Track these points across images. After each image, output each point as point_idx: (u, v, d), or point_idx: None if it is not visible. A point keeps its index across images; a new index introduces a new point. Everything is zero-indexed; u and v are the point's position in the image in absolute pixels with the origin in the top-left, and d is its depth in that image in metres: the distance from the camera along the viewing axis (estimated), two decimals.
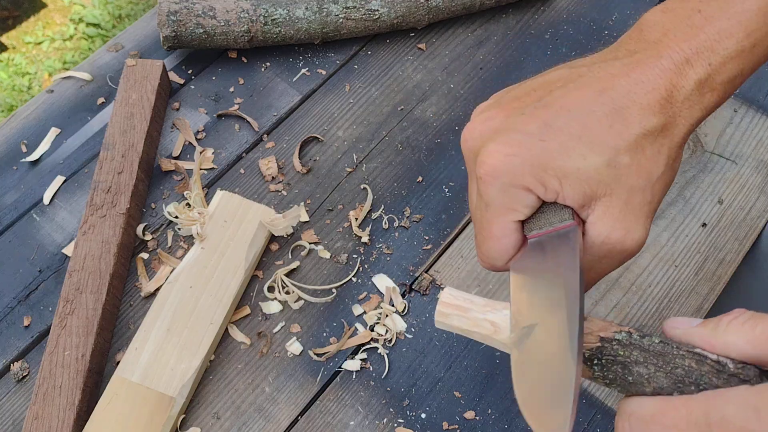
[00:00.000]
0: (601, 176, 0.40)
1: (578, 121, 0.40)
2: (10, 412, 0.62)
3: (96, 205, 0.67)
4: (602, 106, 0.40)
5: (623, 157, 0.40)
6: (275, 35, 0.77)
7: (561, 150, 0.40)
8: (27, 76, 1.90)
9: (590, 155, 0.40)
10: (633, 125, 0.40)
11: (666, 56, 0.41)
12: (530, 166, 0.40)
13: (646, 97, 0.40)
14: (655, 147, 0.41)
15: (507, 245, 0.43)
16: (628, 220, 0.41)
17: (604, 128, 0.40)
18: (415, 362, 0.64)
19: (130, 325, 0.65)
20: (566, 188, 0.40)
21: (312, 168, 0.73)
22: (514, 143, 0.40)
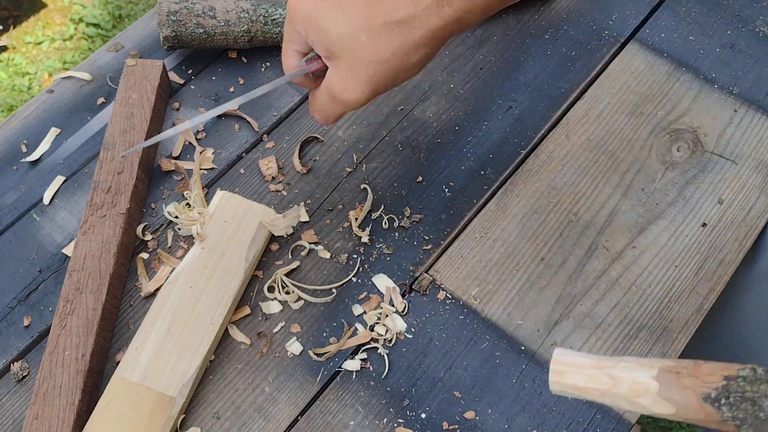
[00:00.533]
0: (341, 41, 0.52)
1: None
2: (10, 412, 0.62)
3: (96, 205, 0.67)
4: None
5: (361, 35, 0.52)
6: (275, 35, 0.77)
7: (326, 13, 0.53)
8: (27, 76, 1.90)
9: (341, 24, 0.52)
10: (380, 15, 0.52)
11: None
12: (304, 17, 0.54)
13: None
14: (390, 36, 0.52)
15: (289, 64, 0.58)
16: (348, 80, 0.54)
17: (362, 8, 0.52)
18: (415, 362, 0.64)
19: (130, 325, 0.65)
20: (316, 41, 0.54)
21: (312, 168, 0.73)
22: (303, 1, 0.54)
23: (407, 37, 0.52)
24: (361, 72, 0.53)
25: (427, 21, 0.52)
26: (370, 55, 0.53)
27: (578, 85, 0.78)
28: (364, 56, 0.53)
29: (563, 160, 0.74)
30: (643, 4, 0.84)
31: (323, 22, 0.53)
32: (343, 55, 0.53)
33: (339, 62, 0.54)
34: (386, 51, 0.53)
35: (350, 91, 0.54)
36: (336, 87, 0.55)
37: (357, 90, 0.54)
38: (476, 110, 0.77)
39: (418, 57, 0.54)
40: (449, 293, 0.67)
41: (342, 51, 0.53)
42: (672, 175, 0.73)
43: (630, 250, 0.69)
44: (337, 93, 0.55)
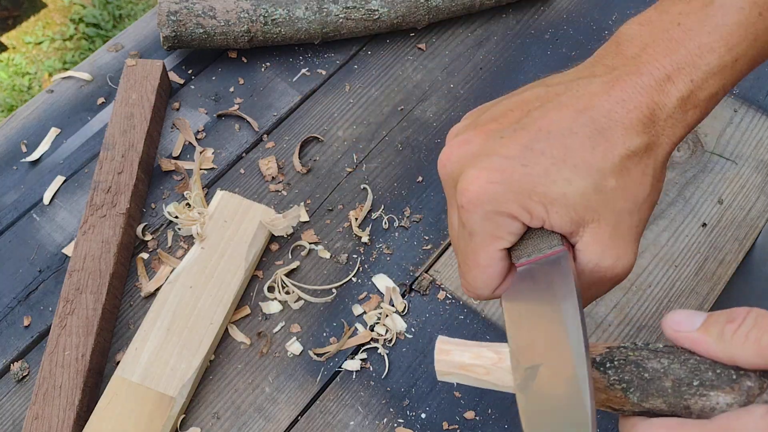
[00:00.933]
0: (588, 201, 0.38)
1: (560, 143, 0.38)
2: (10, 412, 0.62)
3: (96, 205, 0.67)
4: (583, 127, 0.38)
5: (609, 181, 0.38)
6: (275, 35, 0.77)
7: (545, 175, 0.38)
8: (27, 76, 1.90)
9: (575, 180, 0.38)
10: (617, 147, 0.38)
11: (647, 73, 0.39)
12: (514, 193, 0.38)
13: (628, 117, 0.38)
14: (640, 168, 0.39)
15: (493, 274, 0.41)
16: (618, 246, 0.40)
17: (587, 150, 0.38)
18: (415, 362, 0.64)
19: (130, 325, 0.65)
20: (553, 215, 0.39)
21: (312, 168, 0.73)
22: (495, 168, 0.39)
23: (656, 160, 0.40)
24: (627, 227, 0.40)
25: (672, 133, 0.40)
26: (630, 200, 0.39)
27: None
28: (624, 205, 0.39)
29: None
30: (643, 4, 0.84)
31: (549, 187, 0.38)
32: (600, 217, 0.39)
33: (597, 228, 0.39)
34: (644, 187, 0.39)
35: (623, 258, 0.40)
36: (606, 261, 0.40)
37: (631, 252, 0.40)
38: None
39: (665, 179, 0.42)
40: (449, 293, 0.67)
41: (595, 212, 0.39)
42: (672, 175, 0.73)
43: None
44: (608, 269, 0.40)
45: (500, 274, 0.42)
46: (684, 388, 0.36)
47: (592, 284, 0.41)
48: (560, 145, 0.38)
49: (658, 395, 0.36)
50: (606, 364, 0.38)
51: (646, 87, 0.39)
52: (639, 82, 0.39)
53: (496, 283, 0.42)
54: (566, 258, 0.39)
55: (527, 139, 0.39)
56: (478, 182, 0.39)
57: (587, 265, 0.40)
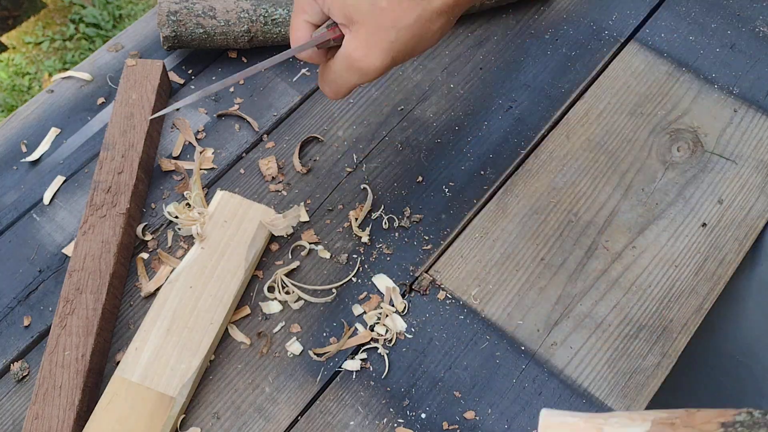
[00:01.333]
0: (360, 7, 0.51)
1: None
2: (10, 412, 0.62)
3: (96, 205, 0.67)
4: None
5: (382, 1, 0.51)
6: (275, 35, 0.77)
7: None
8: (27, 76, 1.90)
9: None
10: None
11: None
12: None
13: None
14: (411, 2, 0.51)
15: (300, 37, 0.56)
16: (368, 46, 0.53)
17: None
18: (415, 362, 0.64)
19: (130, 325, 0.65)
20: (334, 6, 0.52)
21: (312, 168, 0.73)
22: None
23: (429, 4, 0.51)
24: (381, 38, 0.52)
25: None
26: (392, 20, 0.52)
27: (578, 85, 0.78)
28: (386, 22, 0.52)
29: (563, 160, 0.74)
30: (643, 4, 0.84)
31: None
32: (364, 21, 0.52)
33: (358, 28, 0.52)
34: (408, 17, 0.51)
35: (369, 58, 0.53)
36: (354, 54, 0.53)
37: (377, 57, 0.53)
38: (476, 110, 0.77)
39: (438, 25, 0.53)
40: (449, 293, 0.67)
41: (362, 16, 0.52)
42: (672, 175, 0.73)
43: (630, 250, 0.69)
44: (355, 60, 0.53)
45: (304, 39, 0.56)
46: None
47: (346, 69, 0.55)
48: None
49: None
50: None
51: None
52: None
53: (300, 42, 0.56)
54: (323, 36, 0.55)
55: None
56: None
57: (344, 51, 0.54)
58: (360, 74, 0.55)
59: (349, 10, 0.52)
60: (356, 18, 0.52)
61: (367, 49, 0.53)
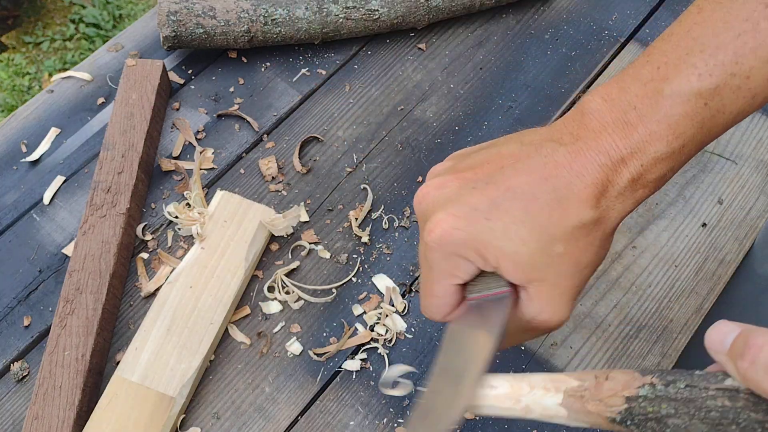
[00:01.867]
0: (536, 262, 0.43)
1: (522, 205, 0.43)
2: (10, 412, 0.62)
3: (96, 205, 0.67)
4: (545, 193, 0.43)
5: (558, 246, 0.43)
6: (275, 35, 0.77)
7: (503, 231, 0.42)
8: (27, 76, 1.90)
9: (529, 241, 0.42)
10: (570, 217, 0.42)
11: (604, 152, 0.43)
12: (473, 242, 0.43)
13: (584, 191, 0.42)
14: (588, 239, 0.43)
15: (445, 304, 0.47)
16: (556, 304, 0.44)
17: (544, 216, 0.42)
18: (415, 362, 0.64)
19: (130, 325, 0.65)
20: (503, 267, 0.43)
21: (312, 168, 0.73)
22: (461, 216, 0.43)
23: (604, 232, 0.44)
24: (568, 288, 0.44)
25: (621, 209, 0.44)
26: (575, 265, 0.43)
27: (578, 85, 0.78)
28: (568, 269, 0.43)
29: None
30: (643, 4, 0.84)
31: (505, 244, 0.43)
32: (543, 277, 0.43)
33: (539, 286, 0.44)
34: (588, 254, 0.44)
35: (559, 314, 0.44)
36: (542, 315, 0.44)
37: (565, 309, 0.45)
38: (476, 110, 0.77)
39: (611, 241, 0.45)
40: None
41: (540, 273, 0.43)
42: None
43: (630, 250, 0.69)
44: (542, 322, 0.45)
45: (451, 305, 0.47)
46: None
47: (527, 330, 0.46)
48: (522, 207, 0.43)
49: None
50: (627, 423, 0.37)
51: (602, 166, 0.43)
52: (597, 160, 0.43)
53: (446, 311, 0.47)
54: (509, 298, 0.45)
55: (495, 195, 0.43)
56: (444, 225, 0.43)
57: (526, 315, 0.45)
58: (546, 331, 0.46)
59: (525, 269, 0.43)
60: (534, 276, 0.43)
61: (554, 307, 0.44)
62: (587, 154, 0.43)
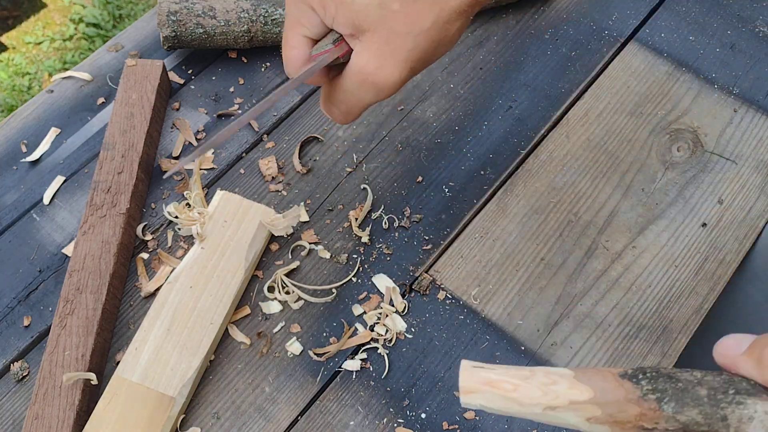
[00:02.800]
0: (369, 12, 0.44)
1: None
2: (10, 412, 0.62)
3: (96, 205, 0.67)
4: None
5: (394, 3, 0.44)
6: (275, 35, 0.77)
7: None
8: (27, 76, 1.90)
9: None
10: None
11: None
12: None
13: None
14: (426, 3, 0.44)
15: (296, 57, 0.49)
16: (383, 57, 0.46)
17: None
18: (415, 362, 0.64)
19: (130, 325, 0.65)
20: (339, 15, 0.46)
21: (312, 168, 0.73)
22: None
23: (447, 3, 0.45)
24: (398, 47, 0.45)
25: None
26: (407, 25, 0.45)
27: (578, 85, 0.78)
28: (400, 27, 0.45)
29: (563, 160, 0.74)
30: (643, 4, 0.84)
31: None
32: (375, 28, 0.45)
33: (370, 37, 0.45)
34: (425, 20, 0.45)
35: (386, 70, 0.46)
36: (368, 67, 0.46)
37: (394, 69, 0.46)
38: (476, 110, 0.77)
39: (457, 26, 0.47)
40: (449, 293, 0.67)
41: (373, 23, 0.45)
42: (672, 175, 0.73)
43: (630, 250, 0.69)
44: (369, 74, 0.46)
45: (301, 58, 0.49)
46: (720, 396, 0.35)
47: (359, 85, 0.48)
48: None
49: (693, 405, 0.35)
50: (638, 376, 0.37)
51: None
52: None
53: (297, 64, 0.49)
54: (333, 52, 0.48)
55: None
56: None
57: (355, 67, 0.47)
58: (376, 90, 0.48)
59: (357, 17, 0.45)
60: (366, 26, 0.45)
61: (382, 61, 0.46)
62: None
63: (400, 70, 0.46)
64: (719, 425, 0.35)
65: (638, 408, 0.36)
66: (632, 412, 0.36)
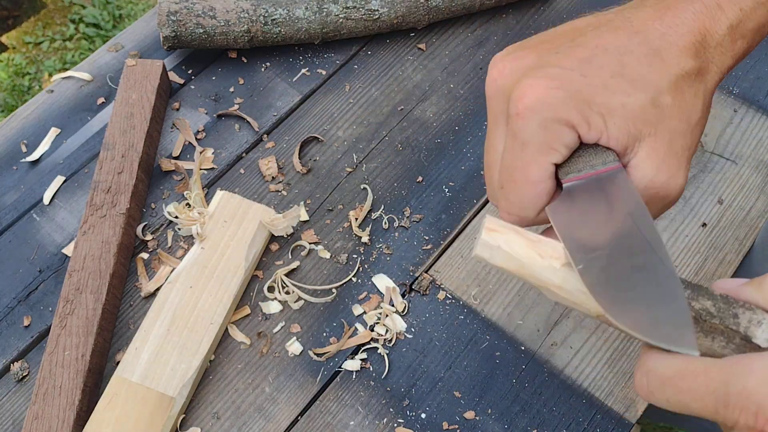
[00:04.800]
0: (647, 114, 0.38)
1: (617, 59, 0.38)
2: (10, 412, 0.62)
3: (96, 205, 0.67)
4: (639, 46, 0.39)
5: (666, 97, 0.38)
6: (275, 35, 0.77)
7: (604, 86, 0.38)
8: (27, 76, 1.90)
9: (634, 92, 0.38)
10: (672, 66, 0.38)
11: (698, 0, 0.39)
12: (574, 100, 0.37)
13: (681, 40, 0.39)
14: (693, 90, 0.39)
15: (543, 191, 0.40)
16: (672, 164, 0.39)
17: (644, 67, 0.38)
18: (415, 362, 0.64)
19: (130, 325, 0.65)
20: (611, 126, 0.38)
21: (312, 168, 0.73)
22: (554, 77, 0.38)
23: (707, 86, 0.40)
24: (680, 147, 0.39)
25: (721, 62, 0.40)
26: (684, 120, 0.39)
27: None
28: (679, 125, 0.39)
29: None
30: None
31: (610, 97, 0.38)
32: (656, 132, 0.38)
33: (653, 143, 0.38)
34: (697, 109, 0.39)
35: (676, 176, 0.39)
36: (659, 179, 0.39)
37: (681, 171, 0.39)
38: (476, 110, 0.77)
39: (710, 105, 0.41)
40: (449, 293, 0.67)
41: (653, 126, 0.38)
42: None
43: None
44: (660, 187, 0.39)
45: (548, 193, 0.40)
46: (732, 300, 0.36)
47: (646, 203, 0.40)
48: (617, 61, 0.38)
49: (708, 297, 0.37)
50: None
51: (697, 13, 0.39)
52: (691, 9, 0.39)
53: (544, 201, 0.40)
54: (623, 174, 0.38)
55: (584, 54, 0.39)
56: (537, 88, 0.38)
57: (641, 182, 0.39)
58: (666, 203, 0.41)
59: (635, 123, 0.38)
60: (646, 131, 0.38)
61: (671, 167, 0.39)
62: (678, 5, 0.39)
63: (686, 173, 0.40)
64: (730, 321, 0.36)
65: None
66: None
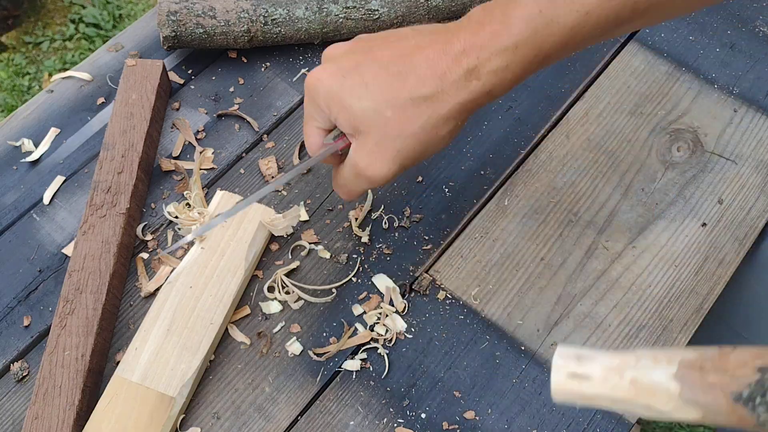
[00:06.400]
0: (365, 118, 0.51)
1: (374, 72, 0.51)
2: (10, 412, 0.62)
3: (96, 205, 0.67)
4: (395, 66, 0.51)
5: (387, 111, 0.51)
6: (275, 35, 0.77)
7: (350, 89, 0.52)
8: (27, 76, 1.90)
9: (365, 100, 0.51)
10: (406, 90, 0.51)
11: (451, 44, 0.50)
12: (325, 93, 0.53)
13: (424, 72, 0.51)
14: (416, 111, 0.51)
15: (312, 143, 0.57)
16: (374, 156, 0.53)
17: (386, 85, 0.51)
18: (415, 362, 0.64)
19: (130, 325, 0.65)
20: (339, 118, 0.53)
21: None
22: (328, 72, 0.53)
23: (435, 111, 0.51)
24: (387, 147, 0.52)
25: (455, 95, 0.51)
26: (398, 130, 0.52)
27: (578, 85, 0.78)
28: (391, 131, 0.52)
29: (563, 160, 0.74)
30: None
31: (346, 98, 0.52)
32: (369, 131, 0.52)
33: (365, 138, 0.53)
34: (413, 125, 0.51)
35: (376, 167, 0.53)
36: (361, 163, 0.53)
37: (383, 166, 0.53)
38: None
39: (447, 130, 0.53)
40: (449, 293, 0.67)
41: (367, 127, 0.52)
42: (672, 175, 0.73)
43: (630, 250, 0.69)
44: (362, 169, 0.54)
45: (316, 144, 0.57)
46: None
47: (354, 176, 0.55)
48: (373, 73, 0.51)
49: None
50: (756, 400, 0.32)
51: (447, 54, 0.50)
52: (443, 49, 0.51)
53: (313, 149, 0.58)
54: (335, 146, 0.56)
55: (361, 60, 0.52)
56: (313, 76, 0.54)
57: (351, 160, 0.54)
58: (367, 182, 0.55)
59: (354, 121, 0.52)
60: (362, 128, 0.52)
61: (372, 159, 0.53)
62: (440, 43, 0.51)
63: (389, 167, 0.53)
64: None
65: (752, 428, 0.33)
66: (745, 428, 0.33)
